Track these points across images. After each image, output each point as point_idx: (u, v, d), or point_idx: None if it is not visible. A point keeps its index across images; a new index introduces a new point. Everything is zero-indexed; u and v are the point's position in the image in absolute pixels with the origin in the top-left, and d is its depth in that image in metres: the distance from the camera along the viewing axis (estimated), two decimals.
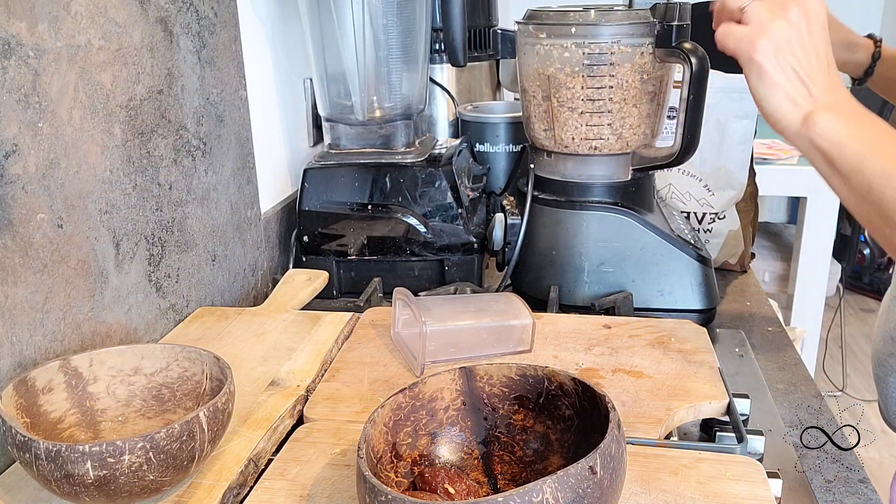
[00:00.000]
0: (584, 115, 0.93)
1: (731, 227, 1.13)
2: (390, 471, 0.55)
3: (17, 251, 0.62)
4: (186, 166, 0.86)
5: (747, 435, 0.64)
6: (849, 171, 0.63)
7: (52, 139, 0.65)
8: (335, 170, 1.05)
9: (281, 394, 0.70)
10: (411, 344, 0.76)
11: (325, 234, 1.05)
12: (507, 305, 0.80)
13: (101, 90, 0.71)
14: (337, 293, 1.06)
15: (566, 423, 0.58)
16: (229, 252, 0.96)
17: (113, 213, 0.74)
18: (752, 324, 0.99)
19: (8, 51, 0.60)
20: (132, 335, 0.77)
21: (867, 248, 3.28)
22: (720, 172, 1.10)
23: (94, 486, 0.50)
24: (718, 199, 1.12)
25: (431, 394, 0.58)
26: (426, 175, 1.03)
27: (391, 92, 1.09)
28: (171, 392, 0.64)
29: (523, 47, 0.96)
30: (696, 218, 1.14)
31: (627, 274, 0.95)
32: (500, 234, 1.00)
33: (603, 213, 0.95)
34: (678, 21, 0.87)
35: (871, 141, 0.63)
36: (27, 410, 0.57)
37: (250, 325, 0.84)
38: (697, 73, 0.86)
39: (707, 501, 0.55)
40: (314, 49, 1.06)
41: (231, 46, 0.95)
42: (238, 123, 0.98)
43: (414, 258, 1.04)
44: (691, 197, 1.13)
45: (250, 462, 0.60)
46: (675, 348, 0.77)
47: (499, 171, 1.27)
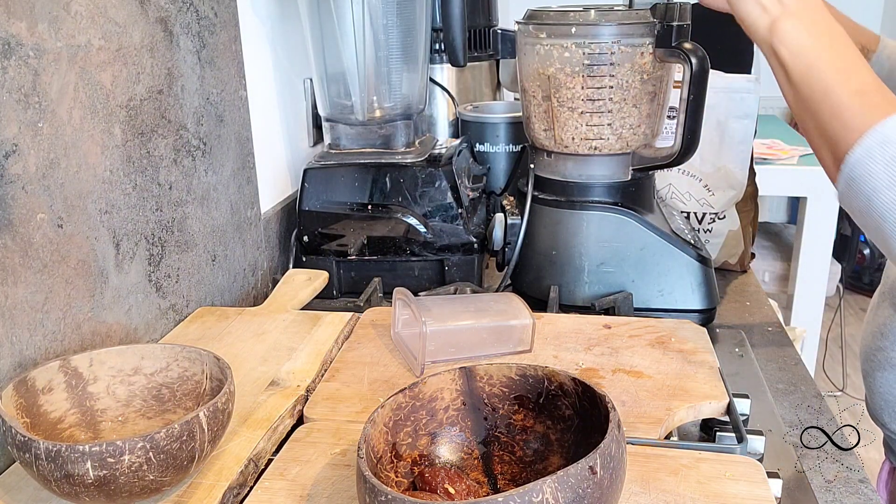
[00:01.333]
0: (584, 115, 0.93)
1: (731, 227, 1.13)
2: (390, 471, 0.55)
3: (17, 251, 0.62)
4: (186, 166, 0.86)
5: (747, 435, 0.64)
6: (798, 82, 0.64)
7: (52, 139, 0.65)
8: (335, 170, 1.05)
9: (281, 394, 0.70)
10: (411, 344, 0.76)
11: (325, 234, 1.05)
12: (507, 305, 0.80)
13: (101, 90, 0.71)
14: (337, 293, 1.06)
15: (566, 423, 0.58)
16: (229, 252, 0.96)
17: (113, 213, 0.74)
18: (752, 324, 0.99)
19: (8, 51, 0.60)
20: (132, 335, 0.77)
21: (867, 248, 3.28)
22: (720, 172, 1.10)
23: (94, 486, 0.50)
24: (718, 199, 1.12)
25: (431, 394, 0.58)
26: (426, 175, 1.03)
27: (391, 92, 1.09)
28: (171, 392, 0.64)
29: (523, 47, 0.96)
30: (696, 218, 1.14)
31: (627, 274, 0.95)
32: (500, 234, 1.00)
33: (603, 213, 0.95)
34: (678, 21, 0.87)
35: (824, 55, 0.64)
36: (27, 410, 0.57)
37: (250, 325, 0.84)
38: (697, 73, 0.86)
39: (707, 501, 0.55)
40: (314, 49, 1.06)
41: (231, 46, 0.95)
42: (238, 123, 0.98)
43: (414, 258, 1.04)
44: (691, 197, 1.12)
45: (250, 462, 0.60)
46: (675, 348, 0.77)
47: (499, 171, 1.27)
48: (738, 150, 1.09)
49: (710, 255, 0.97)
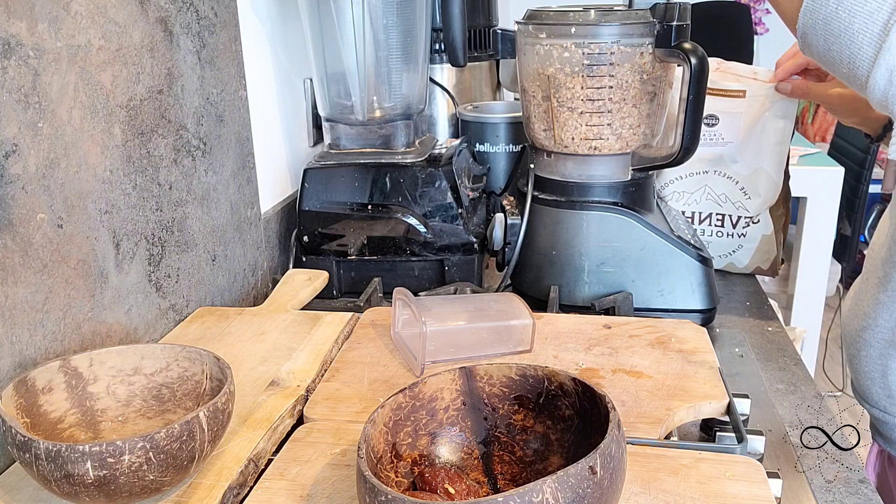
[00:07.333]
0: (584, 115, 0.93)
1: (764, 231, 1.11)
2: (390, 471, 0.55)
3: (17, 251, 0.62)
4: (186, 166, 0.86)
5: (747, 435, 0.64)
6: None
7: (52, 139, 0.65)
8: (335, 170, 1.05)
9: (281, 394, 0.70)
10: (411, 344, 0.76)
11: (325, 234, 1.05)
12: (507, 305, 0.80)
13: (101, 90, 0.71)
14: (337, 293, 1.06)
15: (566, 423, 0.58)
16: (229, 252, 0.96)
17: (113, 213, 0.74)
18: (752, 324, 0.99)
19: (8, 51, 0.60)
20: (132, 335, 0.77)
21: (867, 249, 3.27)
22: (756, 175, 1.08)
23: (94, 486, 0.50)
24: (753, 202, 1.10)
25: (431, 394, 0.58)
26: (426, 175, 1.03)
27: (391, 92, 1.09)
28: (171, 392, 0.64)
29: (523, 47, 0.96)
30: (730, 222, 1.12)
31: (627, 274, 0.95)
32: (500, 234, 1.00)
33: (603, 213, 0.95)
34: (678, 21, 0.87)
35: None
36: (27, 410, 0.57)
37: (250, 325, 0.84)
38: (697, 73, 0.86)
39: (707, 501, 0.55)
40: (314, 49, 1.06)
41: (231, 46, 0.95)
42: (238, 123, 0.98)
43: (414, 258, 1.04)
44: (727, 199, 1.11)
45: (250, 462, 0.60)
46: (675, 348, 0.77)
47: (499, 171, 1.27)
48: (774, 151, 1.07)
49: (711, 256, 0.96)
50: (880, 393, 0.88)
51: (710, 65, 0.91)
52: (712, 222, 1.13)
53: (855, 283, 0.95)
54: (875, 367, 0.88)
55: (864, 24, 0.64)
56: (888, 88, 0.64)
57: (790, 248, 2.47)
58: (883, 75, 0.64)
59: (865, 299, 0.90)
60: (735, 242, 1.13)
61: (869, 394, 0.90)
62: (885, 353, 0.86)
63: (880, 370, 0.87)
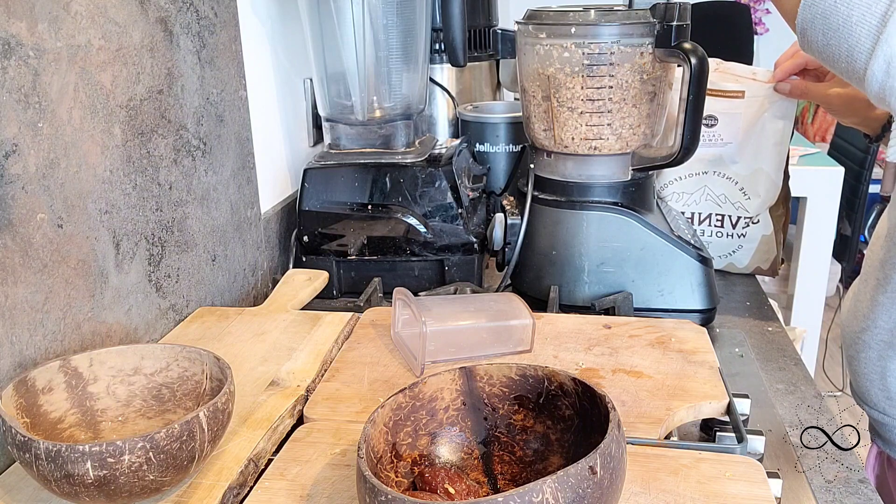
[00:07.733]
0: (584, 115, 0.93)
1: (764, 231, 1.11)
2: (390, 471, 0.55)
3: (17, 251, 0.62)
4: (186, 166, 0.86)
5: (747, 435, 0.64)
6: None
7: (52, 139, 0.65)
8: (335, 170, 1.05)
9: (281, 394, 0.70)
10: (411, 344, 0.76)
11: (325, 234, 1.05)
12: (507, 305, 0.80)
13: (101, 90, 0.71)
14: (337, 293, 1.06)
15: (566, 423, 0.58)
16: (229, 252, 0.96)
17: (113, 213, 0.74)
18: (752, 324, 0.99)
19: (8, 51, 0.60)
20: (132, 335, 0.77)
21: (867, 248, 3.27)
22: (756, 175, 1.08)
23: (94, 486, 0.50)
24: (753, 203, 1.10)
25: (431, 394, 0.58)
26: (426, 175, 1.03)
27: (391, 92, 1.09)
28: (171, 392, 0.64)
29: (523, 47, 0.96)
30: (730, 222, 1.12)
31: (627, 274, 0.95)
32: (500, 234, 1.00)
33: (603, 213, 0.95)
34: (678, 21, 0.87)
35: None
36: (27, 410, 0.57)
37: (250, 325, 0.84)
38: (697, 73, 0.86)
39: (707, 501, 0.55)
40: (314, 49, 1.06)
41: (231, 46, 0.95)
42: (238, 123, 0.98)
43: (414, 258, 1.04)
44: (727, 199, 1.10)
45: (250, 462, 0.60)
46: (675, 348, 0.77)
47: (499, 171, 1.27)
48: (774, 151, 1.07)
49: (711, 256, 0.96)
50: (879, 395, 0.88)
51: (710, 65, 0.91)
52: (712, 223, 1.13)
53: (854, 285, 0.95)
54: (874, 368, 0.88)
55: (862, 16, 0.64)
56: (885, 80, 0.64)
57: (790, 248, 2.47)
58: (881, 66, 0.64)
59: (864, 301, 0.90)
60: (735, 243, 1.13)
61: (868, 395, 0.90)
62: (883, 354, 0.86)
63: (879, 372, 0.87)
